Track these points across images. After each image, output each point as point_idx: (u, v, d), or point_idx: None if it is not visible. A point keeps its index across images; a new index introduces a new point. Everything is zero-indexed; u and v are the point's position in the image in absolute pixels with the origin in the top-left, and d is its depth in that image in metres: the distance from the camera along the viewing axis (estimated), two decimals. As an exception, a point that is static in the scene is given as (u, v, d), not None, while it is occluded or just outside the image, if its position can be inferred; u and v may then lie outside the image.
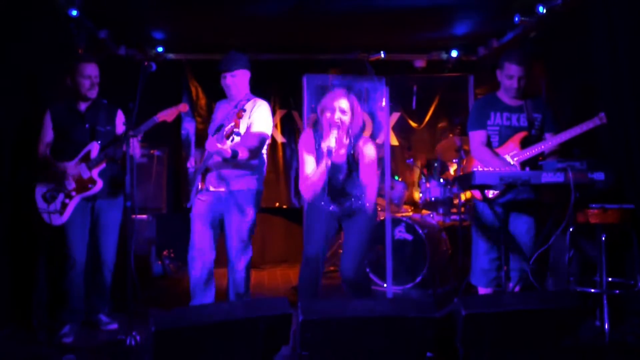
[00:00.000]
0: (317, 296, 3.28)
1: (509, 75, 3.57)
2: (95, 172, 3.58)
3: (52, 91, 3.99)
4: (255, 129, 3.59)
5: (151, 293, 4.80)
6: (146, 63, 3.30)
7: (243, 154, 3.45)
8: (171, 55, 6.02)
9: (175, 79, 6.18)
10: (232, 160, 3.46)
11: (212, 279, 3.68)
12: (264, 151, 3.73)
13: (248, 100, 3.68)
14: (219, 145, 3.34)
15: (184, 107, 3.65)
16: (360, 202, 3.31)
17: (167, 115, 3.57)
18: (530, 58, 3.79)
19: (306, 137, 3.36)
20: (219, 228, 3.68)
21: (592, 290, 3.57)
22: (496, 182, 3.16)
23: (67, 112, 3.67)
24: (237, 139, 3.51)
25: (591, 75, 3.89)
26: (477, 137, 3.66)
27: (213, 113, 3.87)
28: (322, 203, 3.30)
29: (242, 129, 3.56)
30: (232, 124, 3.31)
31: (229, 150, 3.37)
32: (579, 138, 3.46)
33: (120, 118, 3.80)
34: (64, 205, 3.53)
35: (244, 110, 3.47)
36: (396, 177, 5.61)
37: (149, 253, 5.38)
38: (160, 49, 5.88)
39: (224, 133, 3.35)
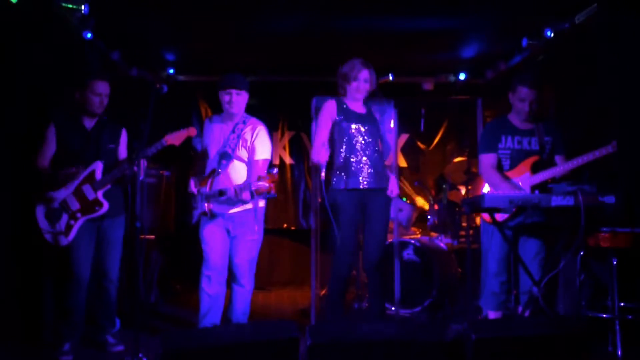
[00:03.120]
0: None
1: (521, 99, 3.58)
2: (100, 194, 3.54)
3: (59, 107, 4.01)
4: (260, 156, 3.66)
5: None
6: (158, 85, 3.32)
7: (256, 187, 3.46)
8: (182, 77, 6.09)
9: (185, 101, 6.25)
10: (250, 200, 3.50)
11: (223, 298, 3.68)
12: None
13: (245, 121, 3.72)
14: (242, 194, 3.37)
15: (192, 131, 3.62)
16: None
17: (175, 138, 3.55)
18: (541, 81, 3.80)
19: None
20: (229, 246, 3.68)
21: (604, 315, 3.53)
22: (506, 205, 3.14)
23: (72, 127, 3.62)
24: None
25: (600, 98, 3.89)
26: (486, 160, 3.66)
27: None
28: None
29: (242, 154, 3.64)
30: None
31: (250, 197, 3.40)
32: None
33: (124, 137, 3.80)
34: (68, 227, 3.49)
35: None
36: (404, 199, 5.59)
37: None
38: (171, 71, 5.96)
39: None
